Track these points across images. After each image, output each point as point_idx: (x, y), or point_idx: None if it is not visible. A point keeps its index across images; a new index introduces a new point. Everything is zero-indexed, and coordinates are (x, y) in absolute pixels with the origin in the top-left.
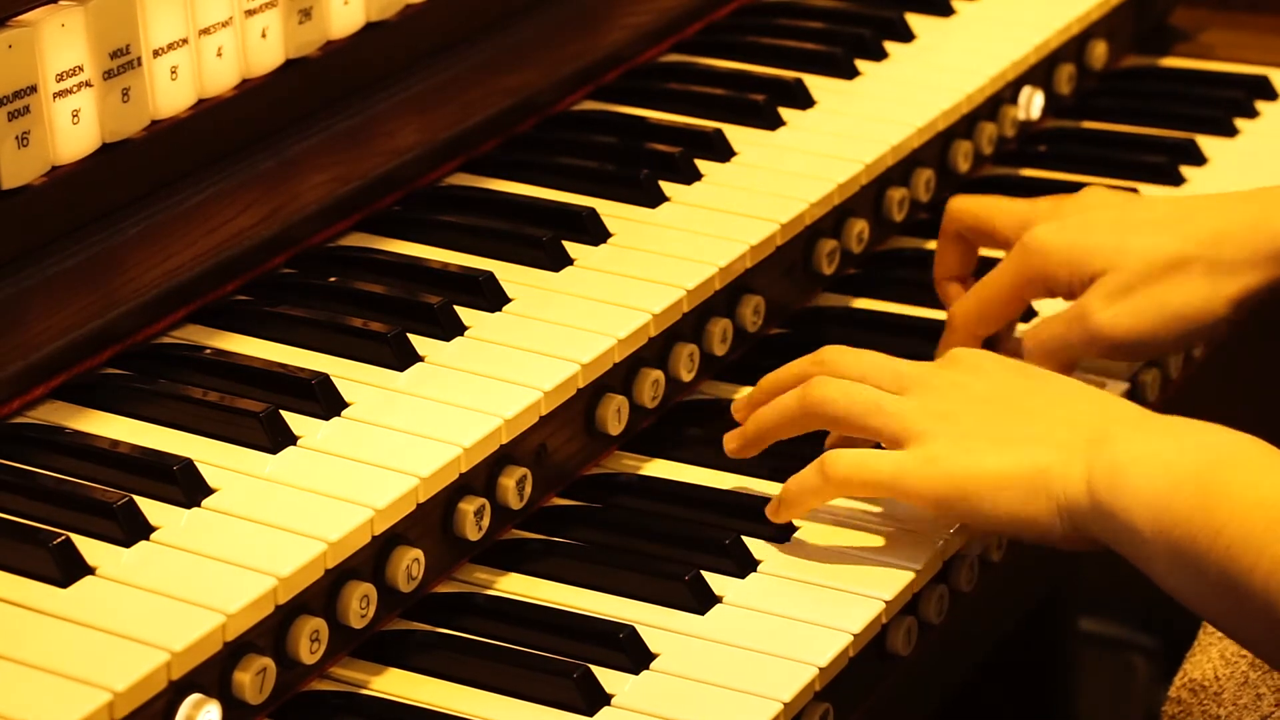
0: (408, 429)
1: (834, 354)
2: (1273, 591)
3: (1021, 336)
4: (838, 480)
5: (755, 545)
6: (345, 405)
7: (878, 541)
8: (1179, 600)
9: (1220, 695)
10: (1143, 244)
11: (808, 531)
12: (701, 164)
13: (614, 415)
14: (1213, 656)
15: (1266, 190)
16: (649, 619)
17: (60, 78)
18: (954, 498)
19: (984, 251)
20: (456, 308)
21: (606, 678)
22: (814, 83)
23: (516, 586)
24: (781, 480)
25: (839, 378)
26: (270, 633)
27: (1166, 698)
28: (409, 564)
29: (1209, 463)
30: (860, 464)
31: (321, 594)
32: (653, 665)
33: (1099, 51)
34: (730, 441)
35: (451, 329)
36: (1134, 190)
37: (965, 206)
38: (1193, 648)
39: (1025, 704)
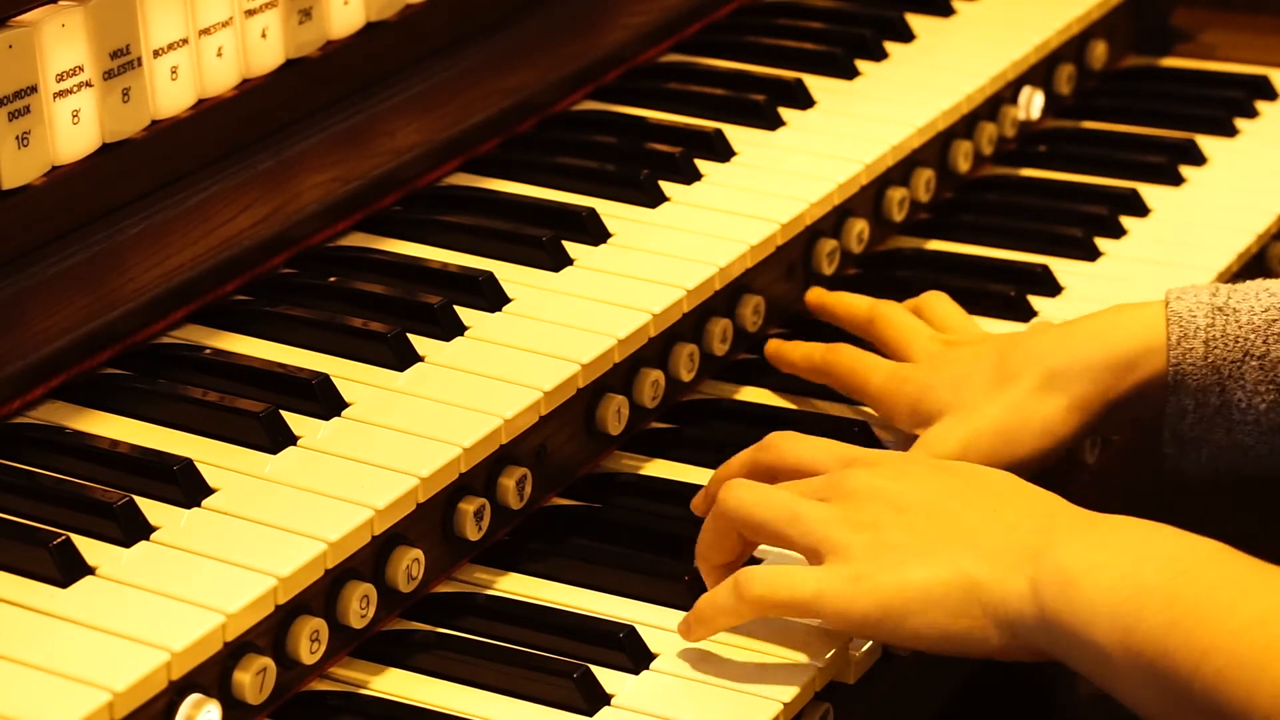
0: (408, 429)
1: (779, 439)
2: (1276, 718)
3: None
4: (752, 599)
5: None
6: (345, 405)
7: None
8: None
9: None
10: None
11: None
12: (701, 164)
13: (614, 415)
14: None
15: (1110, 310)
16: (649, 619)
17: (60, 78)
18: (878, 618)
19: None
20: (456, 308)
21: (606, 678)
22: (814, 83)
23: (516, 586)
24: None
25: (782, 465)
26: (270, 633)
27: None
28: (409, 564)
29: (1175, 574)
30: (777, 582)
31: (321, 594)
32: (653, 665)
33: (1099, 51)
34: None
35: (451, 329)
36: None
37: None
38: None
39: (1025, 704)
